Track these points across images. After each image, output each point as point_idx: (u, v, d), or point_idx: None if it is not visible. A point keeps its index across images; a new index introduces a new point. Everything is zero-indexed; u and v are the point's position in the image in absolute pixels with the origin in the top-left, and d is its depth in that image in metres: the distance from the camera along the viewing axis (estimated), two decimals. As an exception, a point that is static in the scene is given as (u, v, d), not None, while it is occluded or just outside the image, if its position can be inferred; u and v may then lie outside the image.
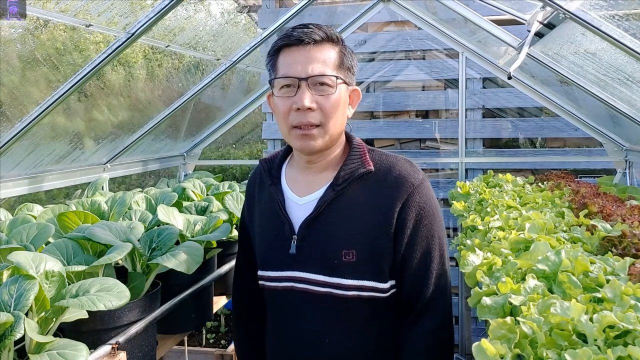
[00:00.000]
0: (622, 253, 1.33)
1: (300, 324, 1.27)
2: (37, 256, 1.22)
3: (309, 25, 1.22)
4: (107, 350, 1.27)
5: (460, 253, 1.65)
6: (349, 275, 1.20)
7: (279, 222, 1.29)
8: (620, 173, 3.15)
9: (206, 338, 4.03)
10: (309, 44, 1.20)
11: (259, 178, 1.42)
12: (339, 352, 1.24)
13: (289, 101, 1.20)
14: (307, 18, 3.70)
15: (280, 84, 1.22)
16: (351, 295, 1.20)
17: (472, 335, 3.38)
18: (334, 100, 1.20)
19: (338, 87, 1.21)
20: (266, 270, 1.32)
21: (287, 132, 1.23)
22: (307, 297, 1.23)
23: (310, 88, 1.18)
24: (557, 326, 0.87)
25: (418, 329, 1.24)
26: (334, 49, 1.24)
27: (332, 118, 1.20)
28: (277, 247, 1.28)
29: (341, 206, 1.23)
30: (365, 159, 1.27)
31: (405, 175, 1.23)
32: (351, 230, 1.21)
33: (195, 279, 1.68)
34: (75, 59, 2.18)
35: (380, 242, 1.21)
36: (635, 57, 1.67)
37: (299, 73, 1.18)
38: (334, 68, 1.21)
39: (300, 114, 1.19)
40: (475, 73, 3.84)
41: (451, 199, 2.83)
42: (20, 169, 2.34)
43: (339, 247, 1.20)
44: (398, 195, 1.21)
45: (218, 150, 6.59)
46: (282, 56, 1.23)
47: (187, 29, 2.71)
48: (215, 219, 1.86)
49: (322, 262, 1.22)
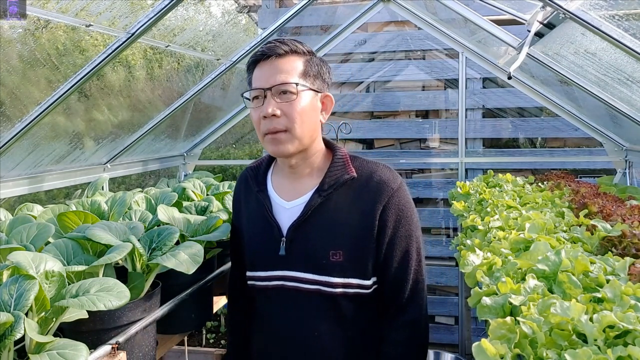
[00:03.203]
0: (622, 253, 1.33)
1: (290, 318, 1.36)
2: (37, 256, 1.22)
3: (275, 40, 1.33)
4: (107, 350, 1.27)
5: (460, 253, 1.65)
6: (336, 274, 1.29)
7: (267, 226, 1.38)
8: (620, 173, 3.15)
9: (206, 338, 4.03)
10: (271, 57, 1.30)
11: (245, 184, 1.51)
12: (324, 345, 1.33)
13: (258, 111, 1.31)
14: (307, 18, 3.71)
15: (252, 96, 1.33)
16: (338, 292, 1.30)
17: (472, 335, 3.38)
18: (297, 106, 1.28)
19: (301, 93, 1.29)
20: (256, 271, 1.42)
21: (262, 139, 1.34)
22: (297, 294, 1.33)
23: (274, 97, 1.28)
24: (557, 326, 0.87)
25: (398, 321, 1.34)
26: (299, 59, 1.33)
27: (297, 123, 1.28)
28: (267, 249, 1.37)
29: (327, 210, 1.32)
30: (349, 166, 1.37)
31: (385, 180, 1.34)
32: (337, 232, 1.31)
33: (195, 279, 1.67)
34: (76, 59, 2.18)
35: (364, 242, 1.31)
36: (635, 57, 1.67)
37: (263, 84, 1.29)
38: (298, 76, 1.30)
39: (267, 121, 1.29)
40: (475, 73, 3.84)
41: (451, 199, 2.83)
42: (20, 169, 2.34)
43: (326, 248, 1.30)
44: (379, 198, 1.32)
45: (218, 150, 6.58)
46: (255, 71, 1.34)
47: (187, 29, 2.71)
48: (215, 219, 1.86)
49: (311, 262, 1.31)
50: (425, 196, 4.06)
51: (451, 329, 4.01)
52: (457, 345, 3.79)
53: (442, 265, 3.96)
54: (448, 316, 4.03)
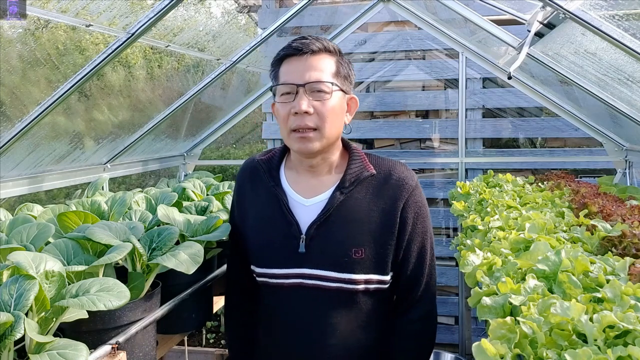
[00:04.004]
0: (622, 253, 1.33)
1: (309, 317, 1.35)
2: (37, 256, 1.22)
3: (308, 36, 1.33)
4: (107, 350, 1.27)
5: (460, 253, 1.65)
6: (358, 271, 1.31)
7: (284, 222, 1.36)
8: (621, 173, 3.15)
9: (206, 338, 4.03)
10: (306, 53, 1.30)
11: (253, 176, 1.47)
12: (346, 344, 1.33)
13: (288, 106, 1.30)
14: (307, 18, 3.70)
15: (281, 91, 1.32)
16: (360, 289, 1.32)
17: (472, 335, 3.38)
18: (329, 106, 1.29)
19: (334, 93, 1.30)
20: (269, 268, 1.38)
21: (286, 136, 1.33)
22: (318, 292, 1.33)
23: (307, 94, 1.28)
24: (557, 326, 0.87)
25: (412, 315, 1.40)
26: (332, 58, 1.33)
27: (327, 122, 1.29)
28: (283, 246, 1.35)
29: (348, 208, 1.33)
30: (366, 163, 1.39)
31: (403, 177, 1.38)
32: (359, 229, 1.32)
33: (195, 279, 1.67)
34: (76, 59, 2.18)
35: (385, 239, 1.33)
36: (635, 57, 1.67)
37: (297, 80, 1.29)
38: (331, 76, 1.31)
39: (298, 117, 1.28)
40: (475, 73, 3.84)
41: (451, 199, 2.83)
42: (20, 169, 2.34)
43: (349, 246, 1.31)
44: (399, 196, 1.35)
45: (218, 150, 6.59)
46: (283, 66, 1.33)
47: (187, 29, 2.71)
48: (215, 218, 1.86)
49: (333, 259, 1.32)
50: (426, 196, 4.03)
51: (451, 329, 4.01)
52: (457, 345, 3.78)
53: (442, 265, 3.96)
54: (448, 316, 4.03)
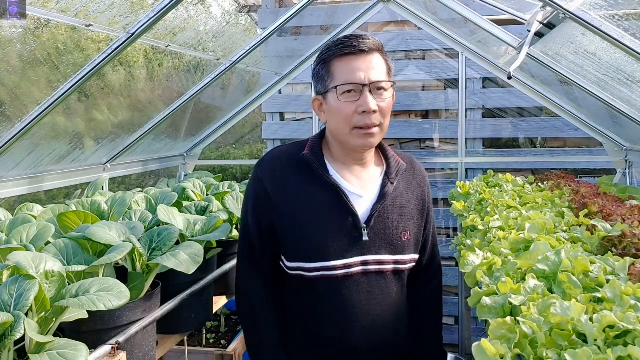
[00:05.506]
0: (622, 253, 1.33)
1: (374, 301, 1.43)
2: (37, 256, 1.22)
3: (357, 35, 1.37)
4: (107, 350, 1.27)
5: (460, 253, 1.65)
6: (407, 251, 1.46)
7: (342, 214, 1.39)
8: (621, 173, 3.15)
9: (206, 338, 4.02)
10: (365, 52, 1.35)
11: (298, 168, 1.42)
12: (394, 315, 1.46)
13: (352, 105, 1.34)
14: (307, 18, 3.70)
15: (343, 90, 1.35)
16: (407, 268, 1.48)
17: (472, 335, 3.37)
18: (389, 103, 1.38)
19: (390, 90, 1.39)
20: (327, 261, 1.37)
21: (347, 132, 1.37)
22: (378, 275, 1.43)
23: (372, 93, 1.34)
24: (557, 326, 0.87)
25: (432, 285, 1.63)
26: (382, 56, 1.40)
27: (387, 119, 1.39)
28: (343, 236, 1.39)
29: (395, 195, 1.46)
30: (396, 156, 1.53)
31: (422, 169, 1.58)
32: (405, 214, 1.46)
33: (195, 279, 1.68)
34: (76, 58, 2.18)
35: (420, 222, 1.51)
36: (635, 57, 1.67)
37: (362, 80, 1.33)
38: (386, 74, 1.38)
39: (365, 116, 1.34)
40: (475, 73, 3.84)
41: (451, 199, 2.83)
42: (20, 169, 2.34)
43: (399, 230, 1.44)
44: (424, 184, 1.55)
45: (218, 150, 6.59)
46: (338, 64, 1.36)
47: (187, 29, 2.71)
48: (215, 219, 1.86)
49: (389, 243, 1.43)
50: (426, 196, 4.05)
51: (451, 329, 4.01)
52: (457, 345, 3.78)
53: (442, 265, 3.94)
54: (448, 316, 4.03)
